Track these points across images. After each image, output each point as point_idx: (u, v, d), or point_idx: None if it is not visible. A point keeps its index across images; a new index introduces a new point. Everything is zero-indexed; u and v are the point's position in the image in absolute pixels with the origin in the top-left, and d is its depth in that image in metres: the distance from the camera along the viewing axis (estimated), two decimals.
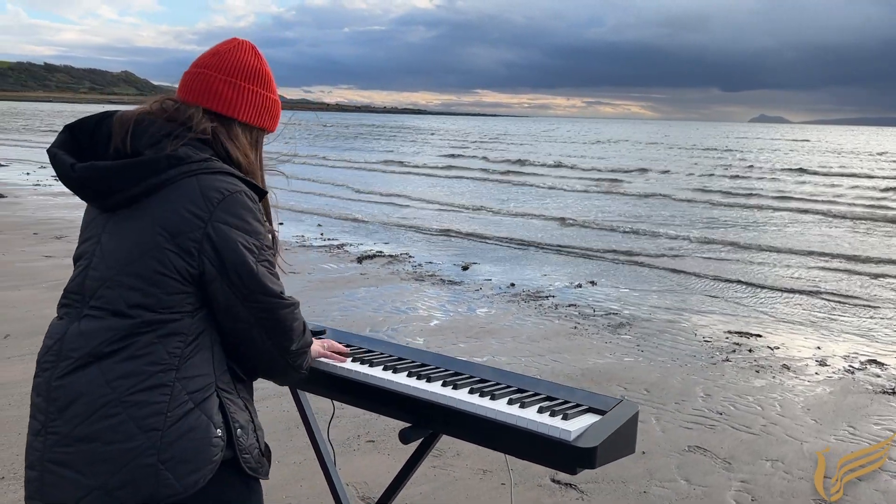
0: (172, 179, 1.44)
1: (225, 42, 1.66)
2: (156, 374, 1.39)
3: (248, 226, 1.47)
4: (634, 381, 5.09)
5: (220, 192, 1.45)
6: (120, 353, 1.39)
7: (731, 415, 4.56)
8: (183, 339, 1.43)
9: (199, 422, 1.41)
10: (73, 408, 1.39)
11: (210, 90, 1.58)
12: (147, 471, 1.36)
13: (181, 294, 1.43)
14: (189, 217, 1.42)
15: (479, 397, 1.73)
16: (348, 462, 3.73)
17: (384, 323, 6.35)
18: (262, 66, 1.66)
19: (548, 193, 19.30)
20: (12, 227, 10.12)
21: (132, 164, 1.44)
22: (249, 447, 1.52)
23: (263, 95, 1.64)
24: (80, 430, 1.38)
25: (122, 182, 1.44)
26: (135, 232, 1.44)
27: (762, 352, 5.94)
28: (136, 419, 1.37)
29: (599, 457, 1.54)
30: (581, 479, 3.62)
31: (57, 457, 1.39)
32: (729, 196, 19.05)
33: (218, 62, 1.61)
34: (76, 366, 1.41)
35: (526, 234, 12.22)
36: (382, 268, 8.78)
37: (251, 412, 1.56)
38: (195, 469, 1.40)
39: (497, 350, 5.72)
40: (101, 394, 1.38)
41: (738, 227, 13.75)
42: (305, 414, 2.22)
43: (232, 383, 1.52)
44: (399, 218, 13.68)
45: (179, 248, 1.42)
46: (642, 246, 11.29)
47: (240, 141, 1.60)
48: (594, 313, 7.01)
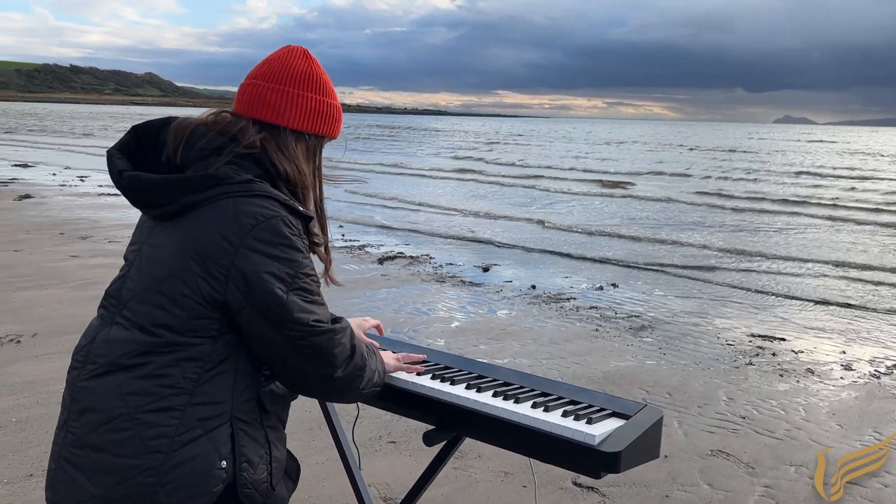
0: (210, 199, 1.42)
1: (277, 50, 1.62)
2: (168, 397, 1.39)
3: (280, 253, 1.42)
4: (657, 385, 5.07)
5: (255, 218, 1.41)
6: (138, 369, 1.40)
7: (754, 419, 4.53)
8: (201, 365, 1.42)
9: (205, 450, 1.40)
10: (88, 415, 1.42)
11: (259, 100, 1.55)
12: (145, 490, 1.37)
13: (204, 319, 1.42)
14: (220, 242, 1.40)
15: (503, 400, 1.74)
16: (370, 463, 3.74)
17: (405, 324, 6.36)
18: (313, 70, 1.59)
19: (559, 198, 19.24)
20: (39, 227, 10.26)
21: (172, 180, 1.44)
22: (255, 482, 1.47)
23: (316, 99, 1.58)
24: (92, 437, 1.40)
25: (161, 197, 1.44)
26: (169, 250, 1.44)
27: (786, 356, 5.88)
28: (143, 438, 1.38)
29: (624, 461, 1.53)
30: (603, 483, 3.61)
31: (70, 456, 1.43)
32: (751, 201, 18.84)
33: (267, 71, 1.58)
34: (99, 372, 1.43)
35: (544, 238, 12.19)
36: (403, 269, 8.80)
37: (271, 442, 1.52)
38: (191, 496, 1.39)
39: (518, 352, 5.71)
40: (114, 406, 1.39)
41: (762, 233, 13.62)
42: (329, 415, 2.23)
43: (255, 413, 1.49)
44: (419, 220, 13.70)
45: (207, 272, 1.40)
46: (664, 253, 11.22)
47: (290, 150, 1.55)
48: (616, 316, 6.98)
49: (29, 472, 3.48)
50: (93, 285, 7.07)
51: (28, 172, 18.82)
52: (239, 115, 1.55)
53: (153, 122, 1.54)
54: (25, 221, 10.72)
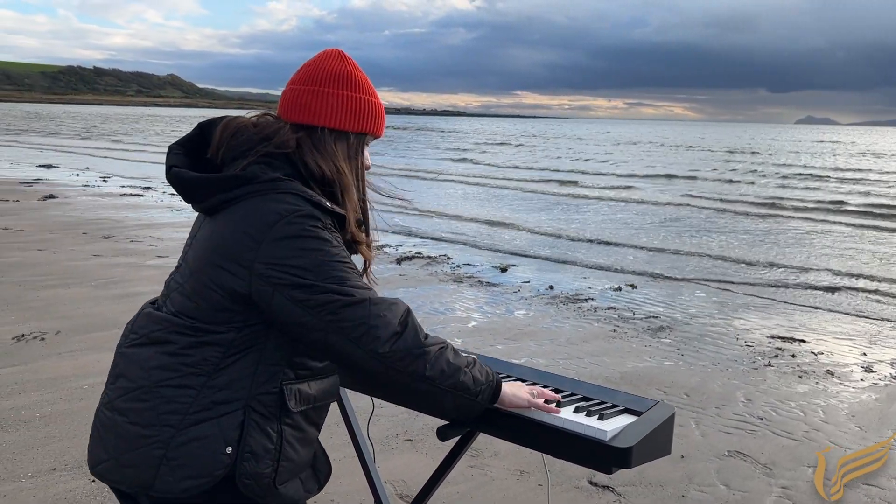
0: (239, 198, 1.46)
1: (315, 56, 1.65)
2: (187, 376, 1.44)
3: (303, 244, 1.42)
4: (674, 385, 5.05)
5: (279, 214, 1.42)
6: (166, 346, 1.47)
7: (772, 420, 4.51)
8: (222, 351, 1.45)
9: (212, 433, 1.43)
10: (120, 380, 1.51)
11: (296, 103, 1.57)
12: (152, 461, 1.42)
13: (226, 311, 1.45)
14: (244, 238, 1.43)
15: None
16: (387, 460, 3.77)
17: (422, 324, 6.34)
18: (349, 69, 1.60)
19: (580, 202, 19.18)
20: (62, 226, 10.41)
21: (205, 179, 1.49)
22: (255, 475, 1.46)
23: (353, 97, 1.58)
24: (119, 402, 1.48)
25: (200, 195, 1.51)
26: (204, 245, 1.51)
27: (806, 357, 5.84)
28: (158, 411, 1.43)
29: (635, 457, 1.55)
30: (619, 482, 3.61)
31: (101, 416, 1.53)
32: (776, 207, 18.69)
33: (304, 75, 1.60)
34: (138, 342, 1.51)
35: (562, 242, 12.17)
36: (421, 269, 8.83)
37: (286, 441, 1.51)
38: (192, 476, 1.42)
39: (535, 352, 5.72)
40: (140, 376, 1.47)
41: (784, 235, 13.52)
42: (346, 411, 2.26)
43: (273, 407, 1.48)
44: (440, 222, 13.73)
45: (231, 267, 1.44)
46: (687, 261, 11.17)
47: (327, 149, 1.56)
48: (634, 316, 6.96)
49: (52, 466, 3.54)
50: (114, 284, 7.16)
51: (52, 173, 19.08)
52: (280, 118, 1.60)
53: (216, 119, 1.60)
54: (49, 221, 10.88)
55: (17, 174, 18.37)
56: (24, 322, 5.76)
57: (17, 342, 5.30)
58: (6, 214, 11.37)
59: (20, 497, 3.26)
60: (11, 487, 3.33)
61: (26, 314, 5.99)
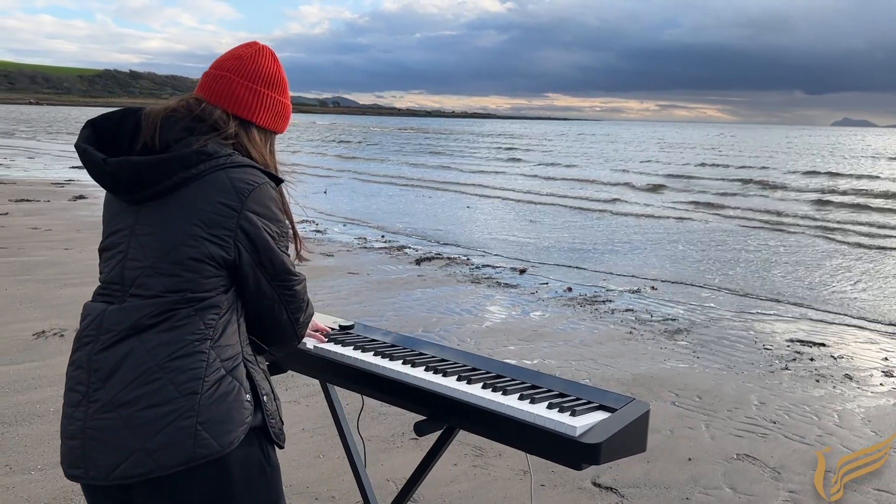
0: (202, 174, 1.54)
1: (245, 46, 1.74)
2: (193, 343, 1.50)
3: (273, 214, 1.60)
4: (687, 388, 5.00)
5: (249, 185, 1.56)
6: (160, 325, 1.50)
7: (785, 424, 4.44)
8: (217, 312, 1.54)
9: (232, 386, 1.53)
10: (116, 376, 1.48)
11: (231, 94, 1.68)
12: (186, 432, 1.45)
13: (216, 277, 1.54)
14: (222, 207, 1.53)
15: (492, 392, 1.76)
16: (391, 458, 3.78)
17: (437, 324, 6.39)
18: (280, 72, 1.76)
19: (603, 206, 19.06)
20: (90, 226, 10.58)
21: (165, 159, 1.52)
22: (274, 412, 1.64)
23: (279, 101, 1.75)
24: (122, 395, 1.47)
25: (155, 176, 1.52)
26: (169, 223, 1.53)
27: (824, 361, 5.75)
28: (176, 383, 1.47)
29: (604, 453, 1.54)
30: (622, 483, 3.59)
31: (98, 423, 1.48)
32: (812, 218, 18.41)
33: (239, 67, 1.70)
34: (118, 338, 1.50)
35: (583, 245, 12.10)
36: (440, 270, 8.84)
37: (269, 381, 1.69)
38: (230, 430, 1.50)
39: (548, 353, 5.69)
40: (142, 361, 1.48)
41: (810, 239, 13.32)
42: (334, 407, 2.28)
43: (254, 355, 1.65)
44: (462, 222, 13.74)
45: (215, 236, 1.52)
46: (706, 266, 11.05)
47: (256, 142, 1.71)
48: (651, 319, 6.90)
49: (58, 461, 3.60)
50: None
51: (83, 174, 19.41)
52: (209, 103, 1.66)
53: (109, 114, 1.65)
54: (77, 221, 11.08)
55: (50, 175, 18.76)
56: (46, 319, 5.88)
57: (37, 338, 5.41)
58: (36, 214, 11.60)
59: (28, 488, 3.33)
60: (21, 479, 3.41)
61: (48, 311, 6.11)
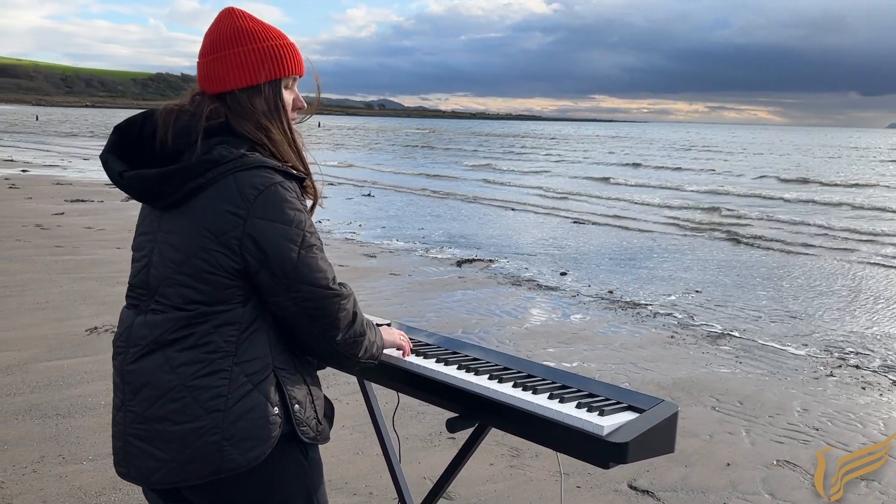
0: (211, 181, 1.50)
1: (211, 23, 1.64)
2: (215, 361, 1.51)
3: (286, 217, 1.51)
4: (728, 393, 4.95)
5: (256, 189, 1.49)
6: (182, 342, 1.52)
7: (828, 431, 4.38)
8: (237, 327, 1.52)
9: (258, 401, 1.52)
10: (143, 391, 1.55)
11: (206, 76, 1.60)
12: (212, 448, 1.50)
13: (231, 288, 1.52)
14: (229, 216, 1.49)
15: (522, 391, 1.79)
16: (428, 457, 3.84)
17: (477, 325, 6.43)
18: (240, 23, 1.60)
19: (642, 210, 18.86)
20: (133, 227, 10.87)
21: (172, 171, 1.52)
22: (307, 419, 1.61)
23: (249, 49, 1.58)
24: (152, 411, 1.53)
25: (165, 188, 1.53)
26: (183, 234, 1.54)
27: (871, 368, 5.64)
28: (201, 402, 1.50)
29: (631, 453, 1.56)
30: (659, 487, 3.58)
31: (135, 432, 1.56)
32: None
33: (207, 45, 1.61)
34: (144, 352, 1.55)
35: (628, 248, 12.01)
36: (481, 271, 8.88)
37: (309, 384, 1.65)
38: (256, 445, 1.52)
39: (587, 356, 5.69)
40: (167, 379, 1.52)
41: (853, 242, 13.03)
42: (371, 403, 2.34)
43: (290, 361, 1.61)
44: (502, 224, 13.76)
45: (224, 246, 1.49)
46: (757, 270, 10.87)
47: (245, 110, 1.58)
48: (694, 323, 6.84)
49: (110, 451, 3.73)
50: None
51: None
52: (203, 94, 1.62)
53: (133, 118, 1.61)
54: (129, 221, 11.37)
55: (104, 176, 19.22)
56: (99, 316, 6.08)
57: (90, 334, 5.60)
58: (90, 214, 11.96)
59: (80, 478, 3.46)
60: (73, 469, 3.54)
61: (101, 308, 6.32)
